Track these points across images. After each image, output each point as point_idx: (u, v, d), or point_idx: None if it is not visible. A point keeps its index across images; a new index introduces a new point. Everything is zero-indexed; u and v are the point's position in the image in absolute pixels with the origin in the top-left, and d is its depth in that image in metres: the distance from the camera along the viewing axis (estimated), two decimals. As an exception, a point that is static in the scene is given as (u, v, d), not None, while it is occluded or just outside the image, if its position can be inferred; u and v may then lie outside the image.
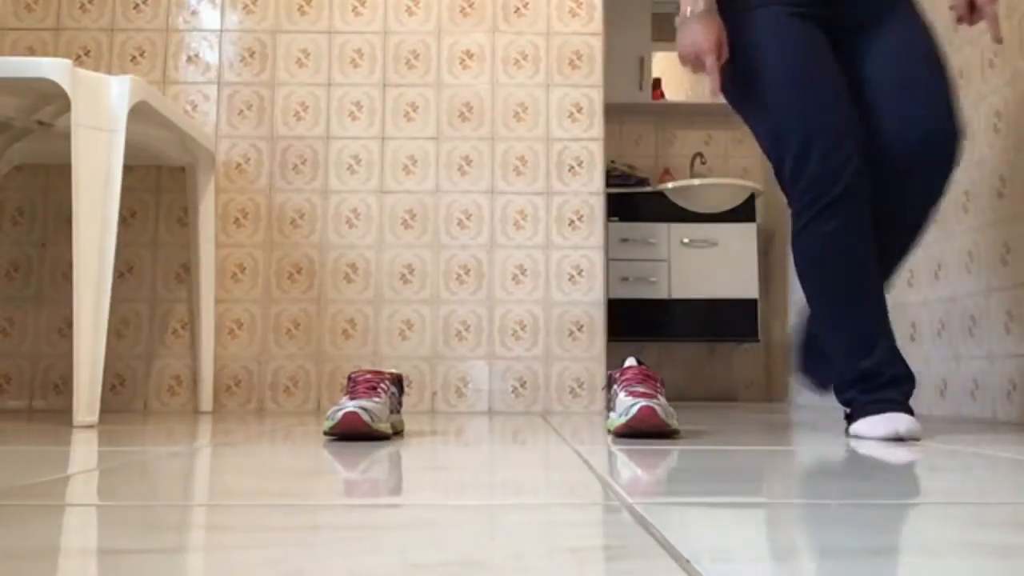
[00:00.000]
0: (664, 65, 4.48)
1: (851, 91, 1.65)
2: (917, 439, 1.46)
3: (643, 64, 4.31)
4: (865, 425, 1.49)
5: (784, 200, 1.68)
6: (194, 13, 2.88)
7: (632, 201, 3.90)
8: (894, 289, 2.86)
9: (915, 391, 1.57)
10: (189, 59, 2.86)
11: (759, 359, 4.29)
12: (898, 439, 1.43)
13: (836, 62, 1.65)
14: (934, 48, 1.68)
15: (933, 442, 1.43)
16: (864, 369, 1.54)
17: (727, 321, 3.83)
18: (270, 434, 1.61)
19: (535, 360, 2.77)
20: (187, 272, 2.76)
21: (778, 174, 1.65)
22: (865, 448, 1.31)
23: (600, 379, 2.74)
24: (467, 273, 2.79)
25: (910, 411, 1.50)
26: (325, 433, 1.43)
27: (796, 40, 1.63)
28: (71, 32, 2.85)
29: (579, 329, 2.77)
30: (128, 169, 2.37)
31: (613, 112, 4.31)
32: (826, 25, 1.67)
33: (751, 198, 3.88)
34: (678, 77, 4.52)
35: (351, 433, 1.39)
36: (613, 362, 2.31)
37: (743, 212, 3.87)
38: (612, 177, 3.96)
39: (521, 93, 2.87)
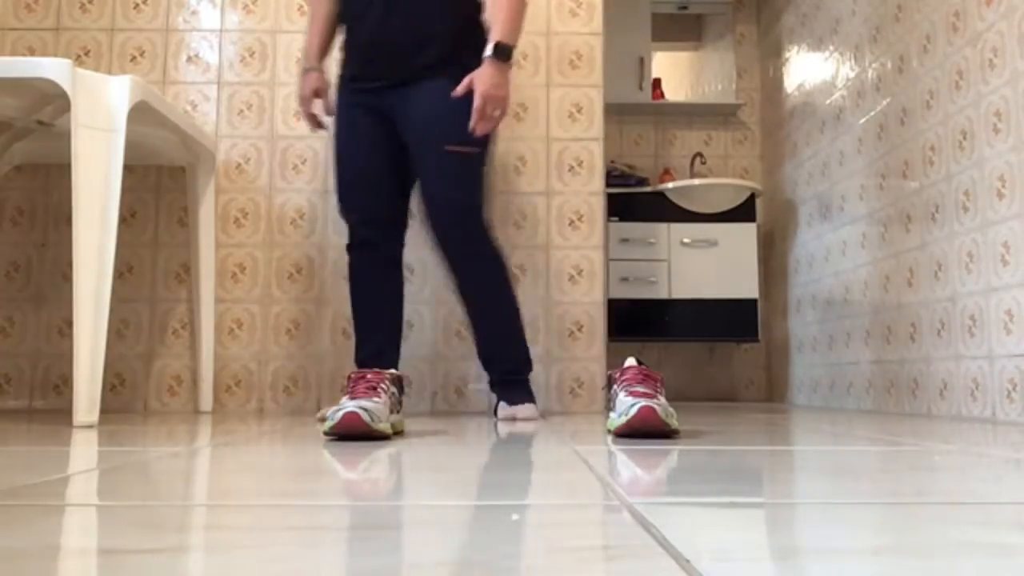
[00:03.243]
0: (664, 65, 4.48)
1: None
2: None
3: (643, 64, 4.31)
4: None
5: (784, 200, 1.70)
6: (194, 13, 2.88)
7: (632, 201, 3.90)
8: (894, 288, 2.86)
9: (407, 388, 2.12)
10: (189, 59, 2.86)
11: (759, 359, 4.29)
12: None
13: (383, 131, 2.22)
14: (448, 119, 2.08)
15: (933, 442, 1.44)
16: (356, 360, 2.25)
17: (727, 321, 3.83)
18: (270, 434, 1.61)
19: (535, 360, 2.76)
20: (187, 272, 2.76)
21: None
22: (859, 447, 1.31)
23: (600, 379, 2.73)
24: (467, 273, 2.78)
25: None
26: (325, 433, 1.43)
27: (344, 124, 2.25)
28: (71, 32, 2.85)
29: (579, 329, 2.77)
30: (128, 169, 2.38)
31: (613, 112, 4.31)
32: (376, 102, 2.19)
33: (751, 198, 3.88)
34: (678, 77, 4.52)
35: (351, 433, 1.39)
36: (613, 362, 2.31)
37: (743, 212, 3.87)
38: (612, 177, 3.96)
39: (521, 93, 2.86)
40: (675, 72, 4.52)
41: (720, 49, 4.49)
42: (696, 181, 3.88)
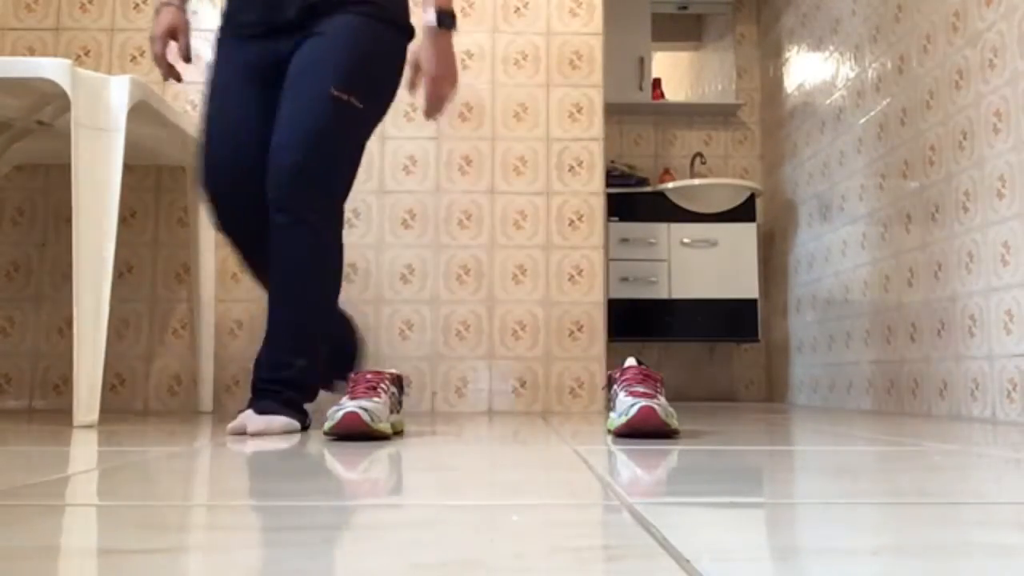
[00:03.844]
0: (664, 65, 4.48)
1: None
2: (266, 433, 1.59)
3: (643, 64, 4.31)
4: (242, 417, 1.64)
5: (784, 200, 1.70)
6: (194, 13, 2.87)
7: (632, 201, 3.90)
8: (894, 288, 2.86)
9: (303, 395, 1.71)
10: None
11: (759, 359, 4.29)
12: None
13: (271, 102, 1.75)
14: (342, 60, 1.71)
15: (933, 442, 1.44)
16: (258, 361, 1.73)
17: (727, 321, 3.83)
18: (270, 434, 1.60)
19: (535, 360, 2.77)
20: (187, 272, 2.76)
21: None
22: (857, 447, 1.31)
23: (600, 379, 2.74)
24: (467, 273, 2.79)
25: (286, 413, 1.64)
26: (325, 433, 1.43)
27: (221, 90, 1.81)
28: (71, 32, 2.85)
29: (579, 329, 2.77)
30: (128, 169, 2.37)
31: (613, 112, 4.31)
32: (262, 55, 1.78)
33: (751, 198, 3.88)
34: (678, 77, 4.52)
35: (351, 433, 1.39)
36: (613, 362, 2.31)
37: (743, 212, 3.87)
38: (612, 177, 3.96)
39: (521, 93, 2.87)
40: (675, 72, 4.52)
41: (720, 49, 4.49)
42: (696, 181, 3.88)
